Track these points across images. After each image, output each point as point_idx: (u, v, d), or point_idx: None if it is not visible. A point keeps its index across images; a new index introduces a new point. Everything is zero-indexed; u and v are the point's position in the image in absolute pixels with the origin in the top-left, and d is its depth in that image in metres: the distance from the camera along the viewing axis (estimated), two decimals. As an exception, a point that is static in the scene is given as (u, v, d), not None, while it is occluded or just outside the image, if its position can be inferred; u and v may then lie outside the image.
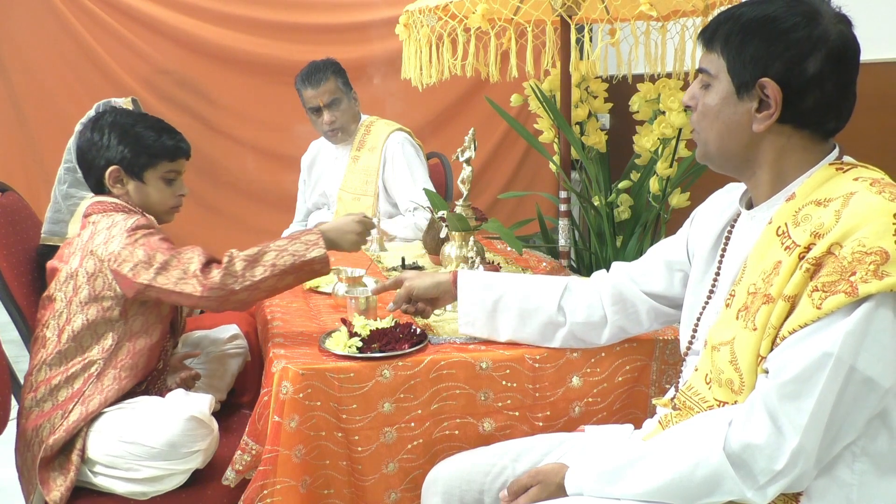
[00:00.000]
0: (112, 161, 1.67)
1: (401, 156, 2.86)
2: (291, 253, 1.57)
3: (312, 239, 1.60)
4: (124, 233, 1.58)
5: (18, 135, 3.71)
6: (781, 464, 1.00)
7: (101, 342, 1.62)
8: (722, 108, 1.15)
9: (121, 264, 1.56)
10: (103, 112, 1.72)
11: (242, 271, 1.54)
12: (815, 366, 0.98)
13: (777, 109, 1.10)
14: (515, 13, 2.11)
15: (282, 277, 1.56)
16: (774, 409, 1.01)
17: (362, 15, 3.89)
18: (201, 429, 1.56)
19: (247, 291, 1.54)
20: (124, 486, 1.55)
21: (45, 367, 1.62)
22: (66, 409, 1.58)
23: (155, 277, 1.54)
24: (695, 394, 1.19)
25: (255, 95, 3.87)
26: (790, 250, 1.05)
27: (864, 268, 0.96)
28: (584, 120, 2.48)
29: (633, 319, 1.50)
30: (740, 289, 1.14)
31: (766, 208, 1.17)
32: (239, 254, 1.56)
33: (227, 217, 3.95)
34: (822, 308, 0.98)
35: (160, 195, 1.73)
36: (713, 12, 2.16)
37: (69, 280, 1.62)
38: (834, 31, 1.08)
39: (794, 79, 1.08)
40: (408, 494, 1.52)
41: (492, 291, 1.55)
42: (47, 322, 1.65)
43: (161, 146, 1.71)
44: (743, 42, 1.11)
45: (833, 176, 1.10)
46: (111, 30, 3.70)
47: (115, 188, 1.69)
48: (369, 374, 1.47)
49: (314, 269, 1.60)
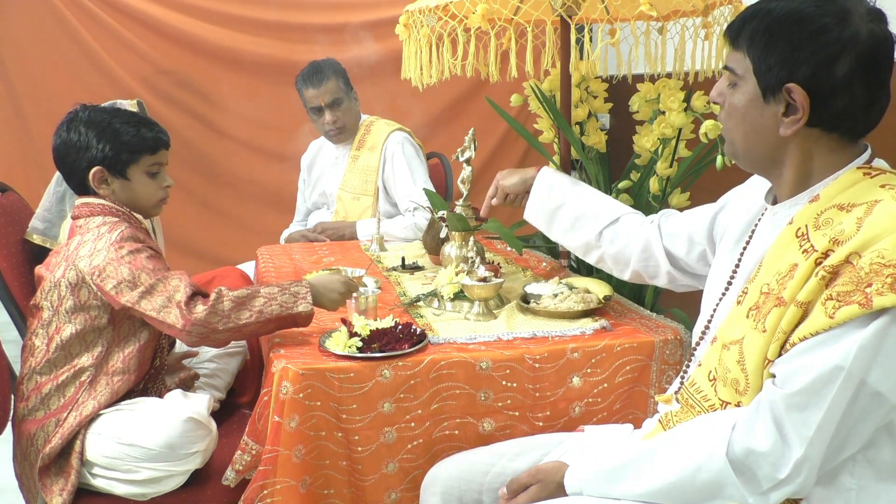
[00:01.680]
0: (94, 162, 1.63)
1: (401, 156, 2.86)
2: (280, 303, 1.56)
3: (302, 292, 1.59)
4: (110, 246, 1.56)
5: (18, 135, 3.71)
6: (784, 473, 1.00)
7: (90, 350, 1.60)
8: (748, 111, 1.12)
9: (104, 280, 1.54)
10: (76, 111, 1.67)
11: (228, 312, 1.52)
12: (825, 378, 0.97)
13: (804, 115, 1.07)
14: (515, 13, 2.11)
15: (265, 325, 1.56)
16: (781, 418, 1.00)
17: (362, 15, 3.89)
18: (199, 430, 1.55)
19: (228, 332, 1.53)
20: (123, 488, 1.55)
21: (35, 376, 1.61)
22: (60, 417, 1.57)
23: (139, 301, 1.52)
24: (697, 391, 1.18)
25: (255, 95, 3.87)
26: (808, 254, 1.03)
27: (880, 280, 0.94)
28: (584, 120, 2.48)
29: (652, 273, 1.59)
30: (753, 287, 1.12)
31: (788, 206, 1.14)
32: (228, 293, 1.54)
33: (227, 217, 3.95)
34: (835, 318, 0.96)
35: (146, 190, 1.69)
36: (713, 12, 2.15)
37: (53, 290, 1.60)
38: (865, 30, 1.04)
39: (821, 83, 1.04)
40: (408, 494, 1.52)
41: (555, 199, 1.69)
42: (35, 331, 1.63)
43: (141, 140, 1.66)
44: (769, 44, 1.07)
45: (860, 180, 1.06)
46: (111, 30, 3.70)
47: (101, 189, 1.66)
48: (369, 374, 1.47)
49: (298, 322, 1.60)
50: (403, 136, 2.93)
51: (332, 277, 1.68)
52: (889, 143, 1.15)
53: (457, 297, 1.81)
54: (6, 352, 1.62)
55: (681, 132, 2.21)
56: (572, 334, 1.62)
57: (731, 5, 2.16)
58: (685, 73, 2.25)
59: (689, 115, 2.15)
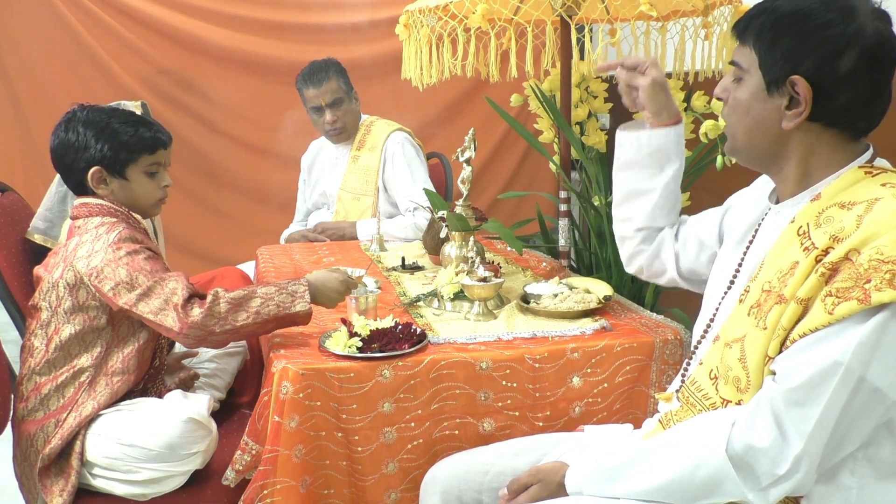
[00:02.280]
0: (92, 162, 1.62)
1: (401, 156, 2.86)
2: (277, 303, 1.56)
3: (300, 291, 1.59)
4: (108, 247, 1.55)
5: (18, 135, 3.70)
6: (784, 469, 1.00)
7: (89, 350, 1.60)
8: (752, 104, 1.14)
9: (102, 281, 1.53)
10: (73, 111, 1.66)
11: (225, 314, 1.52)
12: (824, 374, 0.97)
13: (807, 107, 1.08)
14: (515, 13, 2.11)
15: (263, 325, 1.56)
16: (780, 413, 1.00)
17: (362, 15, 3.88)
18: (200, 430, 1.55)
19: (226, 334, 1.53)
20: (123, 488, 1.55)
21: (34, 377, 1.61)
22: (60, 417, 1.57)
23: (136, 303, 1.52)
24: (697, 389, 1.19)
25: (255, 95, 3.87)
26: (808, 252, 1.04)
27: (879, 276, 0.95)
28: (584, 120, 2.48)
29: (656, 274, 1.54)
30: (755, 285, 1.13)
31: (790, 205, 1.15)
32: (224, 294, 1.54)
33: (227, 217, 3.95)
34: (834, 314, 0.97)
35: (145, 189, 1.69)
36: (713, 12, 2.15)
37: (52, 290, 1.60)
38: (870, 27, 1.05)
39: (825, 77, 1.06)
40: (408, 494, 1.52)
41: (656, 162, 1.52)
42: (34, 331, 1.63)
43: (139, 139, 1.65)
44: (775, 37, 1.09)
45: (861, 179, 1.07)
46: (111, 30, 3.70)
47: (100, 189, 1.65)
48: (369, 374, 1.47)
49: (296, 321, 1.60)
50: (404, 136, 2.93)
51: (331, 276, 1.68)
52: (891, 143, 1.15)
53: (457, 297, 1.81)
54: (6, 352, 1.62)
55: (681, 132, 2.20)
56: (572, 334, 1.62)
57: (731, 5, 2.16)
58: (685, 73, 2.25)
59: (689, 115, 2.15)
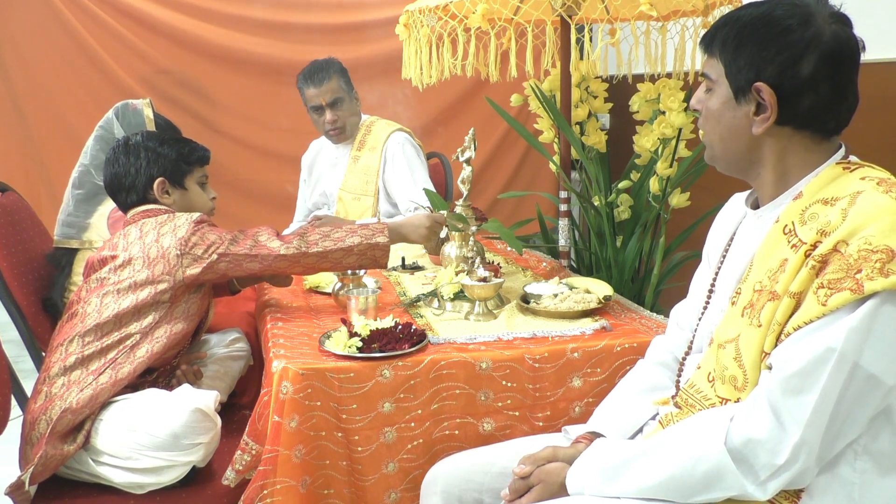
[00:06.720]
0: (155, 175, 1.78)
1: (401, 156, 2.86)
2: (360, 235, 1.76)
3: (379, 227, 1.80)
4: (191, 223, 1.70)
5: (18, 135, 3.71)
6: (783, 458, 1.00)
7: (141, 320, 1.68)
8: (723, 113, 1.17)
9: (194, 247, 1.67)
10: (127, 137, 1.84)
11: (316, 240, 1.74)
12: (818, 361, 0.98)
13: (773, 112, 1.11)
14: (515, 13, 2.11)
15: (346, 254, 1.75)
16: (777, 403, 1.01)
17: (362, 15, 3.89)
18: (205, 422, 1.57)
19: (316, 257, 1.73)
20: (123, 476, 1.56)
21: (77, 339, 1.66)
22: (99, 371, 1.62)
23: (229, 247, 1.69)
24: (697, 391, 1.19)
25: (255, 95, 3.87)
26: (797, 248, 1.06)
27: (869, 265, 0.97)
28: (584, 120, 2.48)
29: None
30: (746, 286, 1.14)
31: (772, 208, 1.17)
32: (313, 229, 1.76)
33: (227, 217, 3.93)
34: (828, 305, 0.99)
35: (201, 199, 1.88)
36: (713, 12, 2.15)
37: (126, 265, 1.68)
38: (828, 31, 1.09)
39: (787, 81, 1.09)
40: (408, 494, 1.52)
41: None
42: (88, 299, 1.69)
43: (192, 152, 1.86)
44: (738, 47, 1.13)
45: (840, 175, 1.10)
46: (111, 30, 3.70)
47: (163, 198, 1.80)
48: (369, 374, 1.47)
49: (375, 256, 1.77)
50: (404, 136, 2.92)
51: (419, 214, 1.91)
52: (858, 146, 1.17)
53: (457, 297, 1.81)
54: (6, 352, 1.62)
55: (681, 132, 2.21)
56: (572, 334, 1.62)
57: (731, 5, 2.16)
58: (685, 72, 2.25)
59: (689, 114, 2.15)
